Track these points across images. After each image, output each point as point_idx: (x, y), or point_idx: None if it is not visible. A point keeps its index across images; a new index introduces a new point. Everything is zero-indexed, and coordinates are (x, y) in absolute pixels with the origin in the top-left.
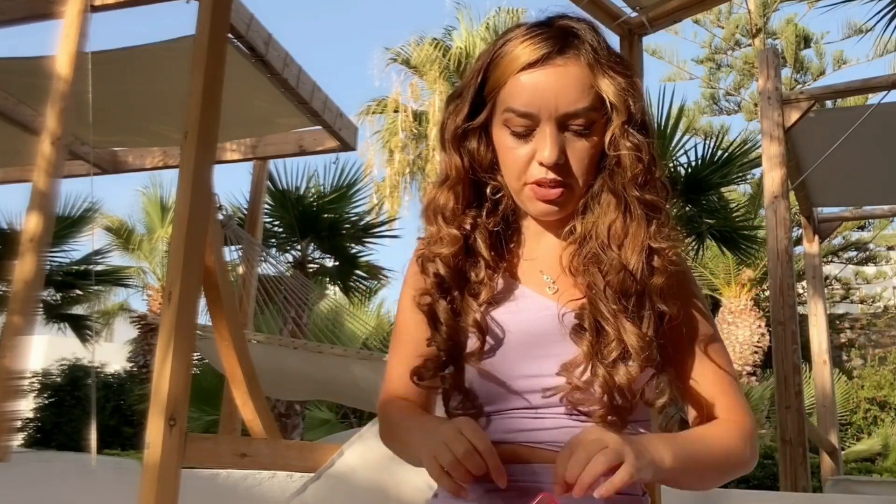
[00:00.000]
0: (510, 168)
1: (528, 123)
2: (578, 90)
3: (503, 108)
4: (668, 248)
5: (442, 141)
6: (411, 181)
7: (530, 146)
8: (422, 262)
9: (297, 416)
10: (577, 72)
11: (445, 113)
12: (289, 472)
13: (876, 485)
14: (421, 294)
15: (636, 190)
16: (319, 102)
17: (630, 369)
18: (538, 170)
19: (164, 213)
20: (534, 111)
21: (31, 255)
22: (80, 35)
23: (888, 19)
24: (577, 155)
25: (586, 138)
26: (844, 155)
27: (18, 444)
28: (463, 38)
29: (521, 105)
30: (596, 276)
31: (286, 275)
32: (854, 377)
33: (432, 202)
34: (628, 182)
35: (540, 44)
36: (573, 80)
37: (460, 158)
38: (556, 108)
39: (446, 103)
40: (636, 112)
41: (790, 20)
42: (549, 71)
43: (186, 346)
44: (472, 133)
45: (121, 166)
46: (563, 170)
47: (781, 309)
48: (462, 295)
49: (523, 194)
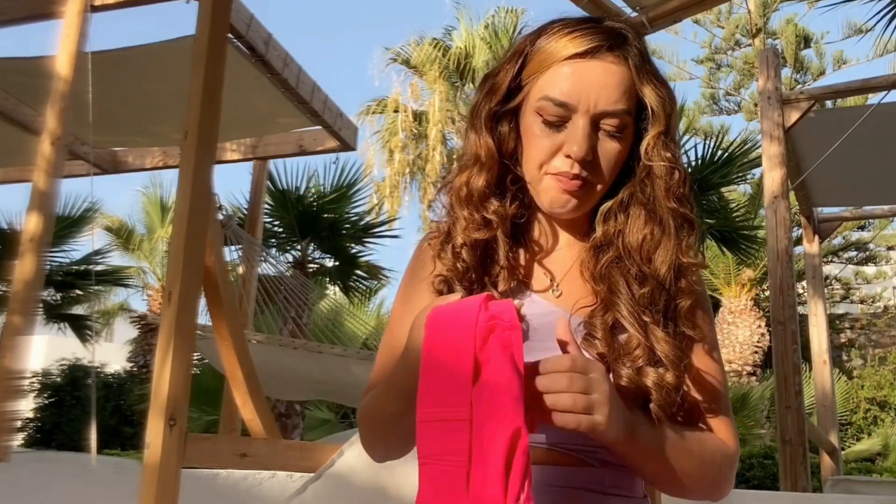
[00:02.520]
0: (534, 156)
1: (563, 114)
2: (621, 91)
3: (539, 96)
4: (697, 265)
5: (473, 121)
6: (411, 181)
7: (559, 138)
8: (441, 247)
9: (297, 416)
10: (622, 72)
11: (479, 93)
12: (289, 472)
13: (876, 485)
14: (439, 278)
15: (673, 202)
16: (319, 102)
17: (666, 377)
18: (562, 162)
19: (164, 213)
20: (572, 102)
21: (31, 255)
22: (80, 35)
23: (888, 19)
24: (605, 156)
25: (617, 141)
26: (844, 155)
27: (18, 444)
28: (463, 38)
29: (559, 94)
30: (620, 283)
31: (286, 275)
32: (854, 377)
33: (467, 184)
34: (664, 194)
35: (590, 37)
36: (618, 80)
37: (493, 140)
38: (595, 104)
39: (482, 82)
40: (673, 125)
41: (790, 20)
42: (595, 65)
43: (186, 346)
44: (504, 116)
45: (121, 166)
46: (588, 167)
47: (781, 309)
48: (481, 284)
49: (541, 183)
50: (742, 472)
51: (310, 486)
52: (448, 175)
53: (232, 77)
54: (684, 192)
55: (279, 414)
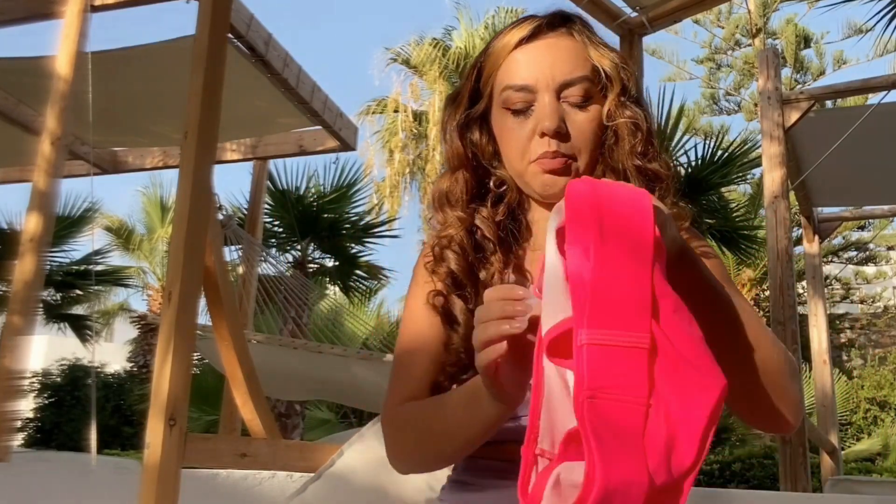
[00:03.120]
0: (513, 149)
1: (527, 97)
2: (573, 59)
3: (501, 90)
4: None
5: (443, 134)
6: (411, 181)
7: (530, 122)
8: (433, 260)
9: (297, 416)
10: (570, 43)
11: (443, 112)
12: (289, 472)
13: (876, 485)
14: (434, 295)
15: (637, 159)
16: (319, 102)
17: None
18: (541, 144)
19: (164, 213)
20: (531, 83)
21: (31, 255)
22: (80, 35)
23: (888, 19)
24: (577, 127)
25: (584, 110)
26: (844, 155)
27: (18, 444)
28: (463, 38)
29: (518, 79)
30: None
31: (286, 275)
32: (854, 377)
33: (437, 189)
34: (627, 153)
35: (531, 21)
36: (567, 50)
37: (462, 146)
38: (552, 78)
39: (444, 106)
40: (630, 85)
41: (790, 20)
42: (542, 43)
43: (186, 346)
44: (473, 124)
45: (121, 166)
46: (565, 142)
47: (781, 309)
48: (476, 291)
49: (528, 173)
50: (742, 472)
51: (310, 486)
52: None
53: (232, 77)
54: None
55: (279, 414)
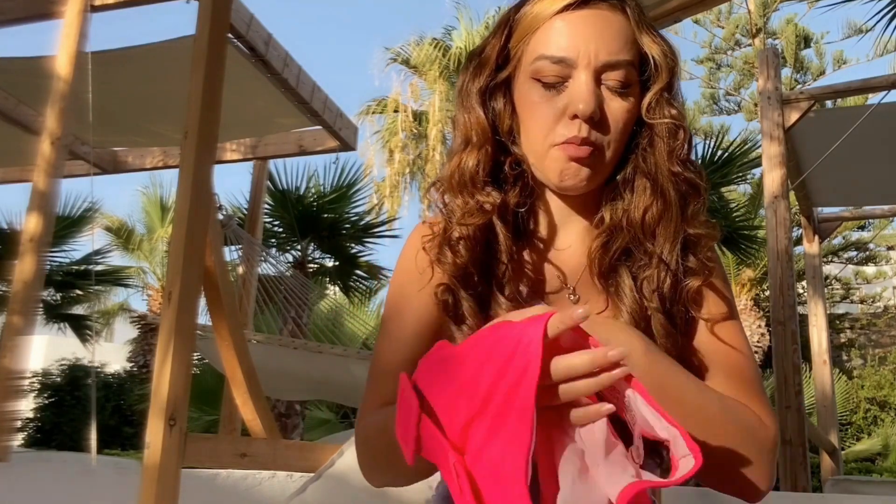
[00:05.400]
0: (537, 127)
1: (563, 71)
2: (621, 40)
3: (533, 58)
4: (706, 237)
5: (462, 102)
6: (411, 181)
7: (561, 100)
8: (439, 249)
9: (297, 416)
10: (621, 20)
11: (464, 72)
12: (289, 472)
13: (876, 485)
14: (441, 288)
15: (677, 166)
16: (319, 102)
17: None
18: (569, 127)
19: (164, 213)
20: (571, 56)
21: (31, 255)
22: (80, 35)
23: (888, 19)
24: (613, 116)
25: (623, 98)
26: (844, 155)
27: (18, 444)
28: (463, 38)
29: (556, 49)
30: (624, 282)
31: (286, 275)
32: (854, 377)
33: (458, 169)
34: (665, 157)
35: None
36: (616, 29)
37: (486, 115)
38: (595, 55)
39: (466, 62)
40: (676, 82)
41: (790, 20)
42: (590, 13)
43: (186, 346)
44: (497, 90)
45: (121, 166)
46: (597, 129)
47: (781, 309)
48: (488, 286)
49: (548, 157)
50: None
51: (310, 486)
52: (440, 171)
53: (232, 77)
54: (688, 154)
55: (279, 414)
